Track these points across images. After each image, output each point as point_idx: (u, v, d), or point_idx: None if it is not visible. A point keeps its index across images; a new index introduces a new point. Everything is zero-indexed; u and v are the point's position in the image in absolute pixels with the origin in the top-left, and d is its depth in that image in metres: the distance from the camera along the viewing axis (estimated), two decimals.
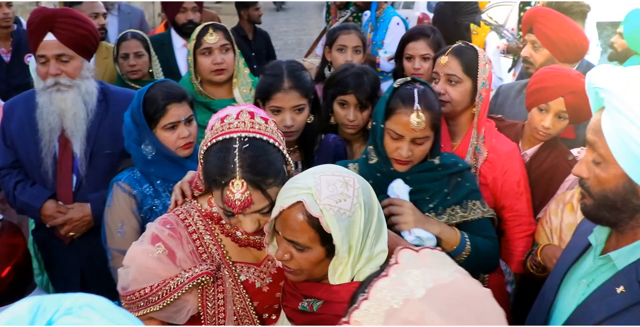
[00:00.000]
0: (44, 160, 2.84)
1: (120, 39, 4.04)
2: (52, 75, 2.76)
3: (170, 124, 2.47)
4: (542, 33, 3.05)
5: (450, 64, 2.55)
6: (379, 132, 2.17)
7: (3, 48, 4.62)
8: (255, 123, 1.66)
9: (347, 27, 3.77)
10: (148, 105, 2.46)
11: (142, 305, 1.76)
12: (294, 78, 2.47)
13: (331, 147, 2.68)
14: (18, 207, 2.99)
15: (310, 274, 1.65)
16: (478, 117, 2.55)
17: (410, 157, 2.14)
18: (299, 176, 1.64)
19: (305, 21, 18.26)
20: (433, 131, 2.14)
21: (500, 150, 2.56)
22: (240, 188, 1.58)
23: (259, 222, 1.69)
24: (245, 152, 1.59)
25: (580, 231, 1.73)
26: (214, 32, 3.14)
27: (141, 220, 2.52)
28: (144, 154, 2.48)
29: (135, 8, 5.86)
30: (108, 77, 4.11)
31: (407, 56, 3.36)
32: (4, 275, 2.66)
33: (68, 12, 2.86)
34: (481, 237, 2.26)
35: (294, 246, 1.61)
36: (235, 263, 1.84)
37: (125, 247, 2.44)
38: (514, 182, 2.54)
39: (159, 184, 2.53)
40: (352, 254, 1.57)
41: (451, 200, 2.24)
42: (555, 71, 2.63)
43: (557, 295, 1.65)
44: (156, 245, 1.76)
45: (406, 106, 2.09)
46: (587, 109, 2.51)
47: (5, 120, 2.95)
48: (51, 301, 0.85)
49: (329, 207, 1.52)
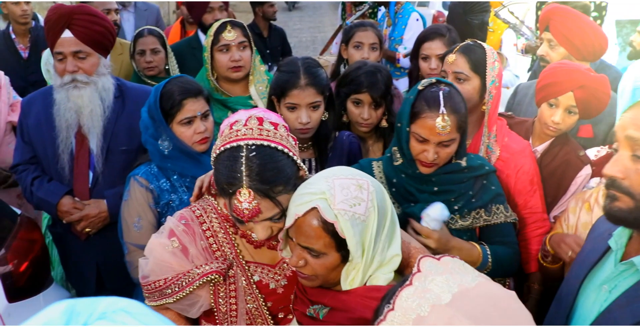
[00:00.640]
0: (61, 156, 2.86)
1: (136, 35, 4.06)
2: (70, 72, 2.77)
3: (186, 119, 2.47)
4: (558, 31, 3.02)
5: (457, 61, 2.54)
6: (404, 135, 2.14)
7: (21, 44, 4.66)
8: (263, 129, 1.63)
9: (363, 24, 3.74)
10: (164, 101, 2.47)
11: (158, 296, 1.79)
12: (310, 75, 2.47)
13: (345, 144, 2.67)
14: (35, 203, 3.00)
15: (325, 280, 1.63)
16: (488, 115, 2.52)
17: (436, 160, 2.12)
18: (312, 180, 1.61)
19: (320, 19, 18.23)
20: (459, 133, 2.12)
21: (512, 148, 2.55)
22: (247, 197, 1.57)
23: (272, 229, 1.67)
24: (252, 160, 1.57)
25: (596, 234, 1.69)
26: (232, 29, 3.13)
27: (158, 214, 2.54)
28: (160, 149, 2.49)
29: (152, 5, 5.88)
30: (124, 73, 4.13)
31: (422, 56, 3.32)
32: (22, 270, 2.67)
33: (85, 9, 2.86)
34: (502, 246, 2.25)
35: (308, 252, 1.58)
36: (249, 263, 1.83)
37: (142, 242, 2.48)
38: (527, 180, 2.53)
39: (175, 179, 2.53)
40: (364, 257, 1.55)
41: (476, 203, 2.22)
42: (565, 66, 2.62)
43: (575, 300, 1.62)
44: (171, 239, 1.78)
45: (431, 110, 2.06)
46: (596, 103, 2.56)
47: (23, 116, 2.97)
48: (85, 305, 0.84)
49: (343, 212, 1.50)
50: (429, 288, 1.09)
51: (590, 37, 2.96)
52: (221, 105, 3.13)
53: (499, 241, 2.26)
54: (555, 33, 3.03)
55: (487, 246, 2.22)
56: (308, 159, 2.63)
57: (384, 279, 1.58)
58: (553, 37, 3.05)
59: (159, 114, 2.46)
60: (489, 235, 2.26)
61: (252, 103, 3.20)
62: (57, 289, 2.92)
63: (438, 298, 1.06)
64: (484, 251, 2.20)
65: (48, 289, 2.82)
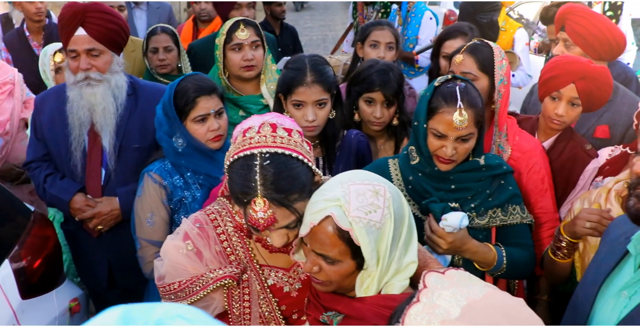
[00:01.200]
0: (74, 154, 2.86)
1: (149, 33, 4.06)
2: (83, 70, 2.78)
3: (200, 117, 2.48)
4: (574, 30, 3.00)
5: (465, 62, 2.54)
6: (422, 132, 2.13)
7: (35, 42, 4.68)
8: (277, 136, 1.61)
9: (380, 22, 3.72)
10: (178, 98, 2.48)
11: (173, 298, 1.79)
12: (316, 72, 2.45)
13: (353, 142, 2.65)
14: (47, 200, 3.02)
15: (340, 286, 1.60)
16: (498, 114, 2.51)
17: (454, 156, 2.11)
18: (327, 186, 1.57)
19: (331, 17, 18.20)
20: (477, 128, 2.11)
21: (523, 147, 2.54)
22: (262, 207, 1.55)
23: (288, 236, 1.65)
24: (266, 169, 1.55)
25: (612, 238, 1.67)
26: (245, 27, 3.12)
27: (170, 211, 2.55)
28: (175, 146, 2.50)
29: (164, 3, 5.89)
30: (137, 71, 4.14)
31: (444, 54, 3.30)
32: (35, 266, 2.68)
33: (99, 6, 2.86)
34: (518, 248, 2.23)
35: (323, 259, 1.55)
36: (264, 267, 1.82)
37: (154, 238, 2.51)
38: (538, 179, 2.52)
39: (189, 176, 2.54)
40: (379, 266, 1.52)
41: (493, 202, 2.21)
42: (565, 58, 2.64)
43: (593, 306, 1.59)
44: (186, 242, 1.77)
45: (449, 105, 2.05)
46: (599, 95, 2.56)
47: (36, 113, 2.98)
48: (140, 311, 0.83)
49: (358, 220, 1.47)
50: (437, 304, 1.07)
51: (607, 36, 2.93)
52: (232, 104, 3.12)
53: (515, 243, 2.25)
54: (571, 32, 3.01)
55: (502, 247, 2.21)
56: (315, 157, 2.62)
57: (400, 287, 1.56)
58: (568, 36, 3.03)
59: (173, 111, 2.47)
60: (505, 236, 2.25)
61: (263, 102, 3.19)
62: (69, 286, 2.93)
63: (447, 313, 1.05)
64: (499, 253, 2.18)
65: (60, 286, 2.83)
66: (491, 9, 4.37)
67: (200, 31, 4.89)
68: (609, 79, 2.55)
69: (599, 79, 2.52)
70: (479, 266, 2.21)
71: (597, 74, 2.52)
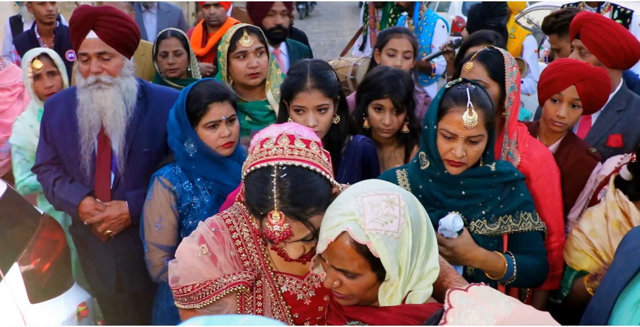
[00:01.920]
0: (83, 157, 2.85)
1: (159, 37, 4.07)
2: (93, 73, 2.77)
3: (211, 123, 2.48)
4: (589, 38, 2.98)
5: (475, 69, 2.53)
6: (432, 134, 2.12)
7: (46, 44, 4.71)
8: (294, 149, 1.60)
9: (398, 30, 3.67)
10: (191, 103, 2.48)
11: (186, 301, 1.79)
12: (317, 77, 2.45)
13: (359, 148, 2.64)
14: (56, 204, 3.01)
15: (362, 299, 1.59)
16: (508, 122, 2.50)
17: (464, 159, 2.09)
18: (340, 199, 1.55)
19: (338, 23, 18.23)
20: (487, 130, 2.10)
21: (533, 155, 2.53)
22: (278, 220, 1.54)
23: (304, 248, 1.65)
24: (283, 182, 1.54)
25: (628, 249, 1.65)
26: (249, 35, 3.10)
27: (179, 216, 2.55)
28: (186, 152, 2.50)
29: (174, 7, 5.91)
30: (146, 74, 4.15)
31: None
32: (44, 270, 2.67)
33: (110, 10, 2.87)
34: (529, 256, 2.21)
35: (343, 274, 1.54)
36: (278, 274, 1.81)
37: (162, 242, 2.52)
38: (547, 188, 2.50)
39: (199, 181, 2.54)
40: (402, 275, 1.50)
41: (504, 209, 2.20)
42: (564, 61, 2.67)
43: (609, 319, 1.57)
44: (201, 246, 1.76)
45: (458, 104, 2.06)
46: (598, 96, 2.57)
47: (46, 117, 2.98)
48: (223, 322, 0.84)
49: (375, 232, 1.45)
50: (465, 324, 1.07)
51: (622, 44, 2.91)
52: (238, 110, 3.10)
53: (526, 250, 2.23)
54: (586, 40, 2.99)
55: (513, 256, 2.19)
56: None
57: (423, 295, 1.54)
58: (583, 44, 3.01)
59: (185, 117, 2.47)
60: (517, 243, 2.23)
61: (269, 108, 3.19)
62: (77, 290, 2.91)
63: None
64: (509, 261, 2.16)
65: (69, 290, 2.81)
66: (499, 13, 4.38)
67: (210, 35, 4.90)
68: (607, 79, 2.59)
69: (599, 80, 2.55)
70: (490, 275, 2.19)
71: (597, 75, 2.55)
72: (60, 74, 3.58)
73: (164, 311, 2.59)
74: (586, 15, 3.12)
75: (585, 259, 2.34)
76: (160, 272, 2.54)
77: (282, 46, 4.25)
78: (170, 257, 2.52)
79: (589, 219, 2.33)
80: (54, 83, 3.54)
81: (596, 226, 2.29)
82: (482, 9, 4.36)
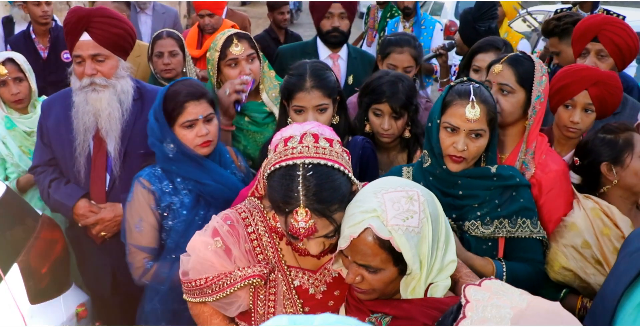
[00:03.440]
0: (78, 159, 2.86)
1: (155, 37, 4.06)
2: (88, 76, 2.77)
3: (188, 122, 2.47)
4: (611, 41, 3.00)
5: (504, 73, 2.45)
6: (435, 128, 2.16)
7: (41, 44, 4.70)
8: (319, 147, 1.64)
9: (400, 43, 3.44)
10: (167, 103, 2.48)
11: (198, 293, 1.83)
12: (316, 77, 2.47)
13: (358, 148, 2.65)
14: (51, 205, 3.01)
15: (383, 293, 1.64)
16: (529, 131, 2.44)
17: (465, 153, 2.12)
18: (361, 197, 1.60)
19: None
20: (489, 127, 2.12)
21: (548, 167, 2.45)
22: (304, 217, 1.58)
23: (324, 244, 1.68)
24: (309, 180, 1.58)
25: (632, 249, 1.66)
26: (239, 42, 3.06)
27: (160, 217, 2.54)
28: (166, 152, 2.50)
29: (170, 8, 5.90)
30: (141, 75, 4.15)
31: (474, 68, 3.24)
32: (44, 271, 2.67)
33: (104, 11, 2.86)
34: (523, 264, 2.20)
35: (365, 269, 1.59)
36: (291, 268, 1.84)
37: (142, 243, 2.52)
38: (557, 204, 2.42)
39: (179, 181, 2.54)
40: (424, 268, 1.56)
41: (501, 212, 2.20)
42: (575, 67, 2.66)
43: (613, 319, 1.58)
44: (215, 239, 1.80)
45: (462, 98, 2.10)
46: (611, 100, 2.57)
47: (43, 118, 2.98)
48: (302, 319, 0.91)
49: (397, 228, 1.51)
50: (485, 317, 1.11)
51: (637, 46, 2.99)
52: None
53: (521, 257, 2.21)
54: (607, 43, 3.01)
55: (504, 262, 2.18)
56: None
57: (443, 288, 1.61)
58: (604, 47, 3.02)
59: (162, 116, 2.47)
60: (513, 249, 2.22)
61: (267, 109, 3.19)
62: (76, 291, 2.91)
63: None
64: (499, 267, 2.15)
65: (67, 291, 2.82)
66: (489, 17, 4.38)
67: (206, 37, 4.89)
68: (619, 83, 2.58)
69: (611, 84, 2.54)
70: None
71: (608, 79, 2.54)
72: (27, 80, 3.45)
73: (147, 312, 2.58)
74: (606, 18, 3.15)
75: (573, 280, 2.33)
76: (142, 274, 2.54)
77: (342, 51, 4.09)
78: (151, 259, 2.52)
79: (576, 231, 2.31)
80: (21, 89, 3.42)
81: (586, 236, 2.29)
82: (473, 12, 4.36)
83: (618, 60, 3.04)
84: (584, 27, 3.14)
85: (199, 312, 1.96)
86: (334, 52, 4.05)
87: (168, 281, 2.46)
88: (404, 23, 5.32)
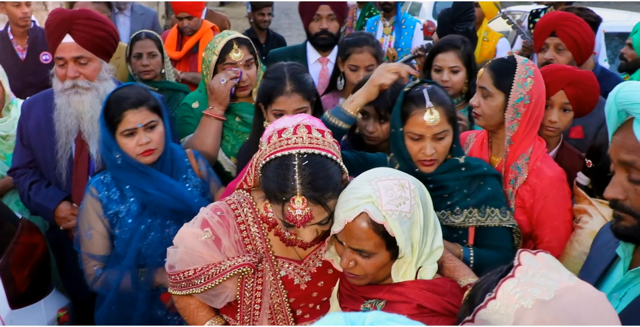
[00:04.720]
0: (59, 161, 2.84)
1: (134, 38, 4.04)
2: (71, 78, 2.76)
3: (127, 131, 2.43)
4: (569, 36, 3.15)
5: (483, 76, 2.48)
6: (399, 136, 2.22)
7: (19, 46, 4.63)
8: (313, 138, 1.69)
9: (358, 43, 3.36)
10: (107, 111, 2.44)
11: (185, 285, 1.86)
12: (296, 81, 2.49)
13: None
14: (32, 208, 2.99)
15: (374, 278, 1.72)
16: (514, 133, 2.40)
17: (434, 156, 2.19)
18: (355, 184, 1.69)
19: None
20: (451, 125, 2.20)
21: (544, 173, 2.41)
22: (301, 204, 1.63)
23: (317, 232, 1.74)
24: (304, 169, 1.63)
25: (601, 244, 1.72)
26: (239, 48, 3.01)
27: (109, 224, 2.51)
28: (114, 159, 2.47)
29: (148, 9, 5.86)
30: (119, 76, 4.10)
31: (435, 68, 3.25)
32: (24, 275, 2.65)
33: (86, 13, 2.85)
34: (491, 251, 2.25)
35: (359, 254, 1.66)
36: (278, 258, 1.89)
37: (92, 251, 2.49)
38: (553, 212, 2.41)
39: (127, 189, 2.51)
40: (415, 252, 1.65)
41: (470, 201, 2.27)
42: (550, 67, 2.73)
43: None
44: (204, 230, 1.83)
45: (419, 106, 2.16)
46: (588, 99, 2.63)
47: (23, 119, 2.95)
48: (355, 317, 0.94)
49: (391, 212, 1.60)
50: (532, 282, 1.15)
51: (593, 42, 3.13)
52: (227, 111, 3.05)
53: (490, 245, 2.27)
54: (565, 38, 3.16)
55: (472, 248, 2.24)
56: None
57: (431, 270, 1.70)
58: (562, 41, 3.17)
59: (103, 125, 2.44)
60: (482, 238, 2.28)
61: None
62: (57, 295, 2.89)
63: (542, 293, 1.12)
64: (466, 253, 2.21)
65: (48, 296, 2.79)
66: (466, 19, 4.41)
67: (186, 39, 4.88)
68: (595, 82, 2.64)
69: (587, 83, 2.60)
70: None
71: (584, 79, 2.61)
72: (1, 84, 3.34)
73: (98, 319, 2.56)
74: (563, 14, 3.30)
75: None
76: (93, 281, 2.52)
77: (332, 54, 3.98)
78: (101, 267, 2.50)
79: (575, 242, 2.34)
80: None
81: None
82: (451, 13, 4.41)
83: (575, 53, 3.18)
84: (543, 23, 3.28)
85: (185, 305, 1.98)
86: (323, 55, 4.00)
87: (115, 288, 2.46)
88: (384, 22, 5.29)
